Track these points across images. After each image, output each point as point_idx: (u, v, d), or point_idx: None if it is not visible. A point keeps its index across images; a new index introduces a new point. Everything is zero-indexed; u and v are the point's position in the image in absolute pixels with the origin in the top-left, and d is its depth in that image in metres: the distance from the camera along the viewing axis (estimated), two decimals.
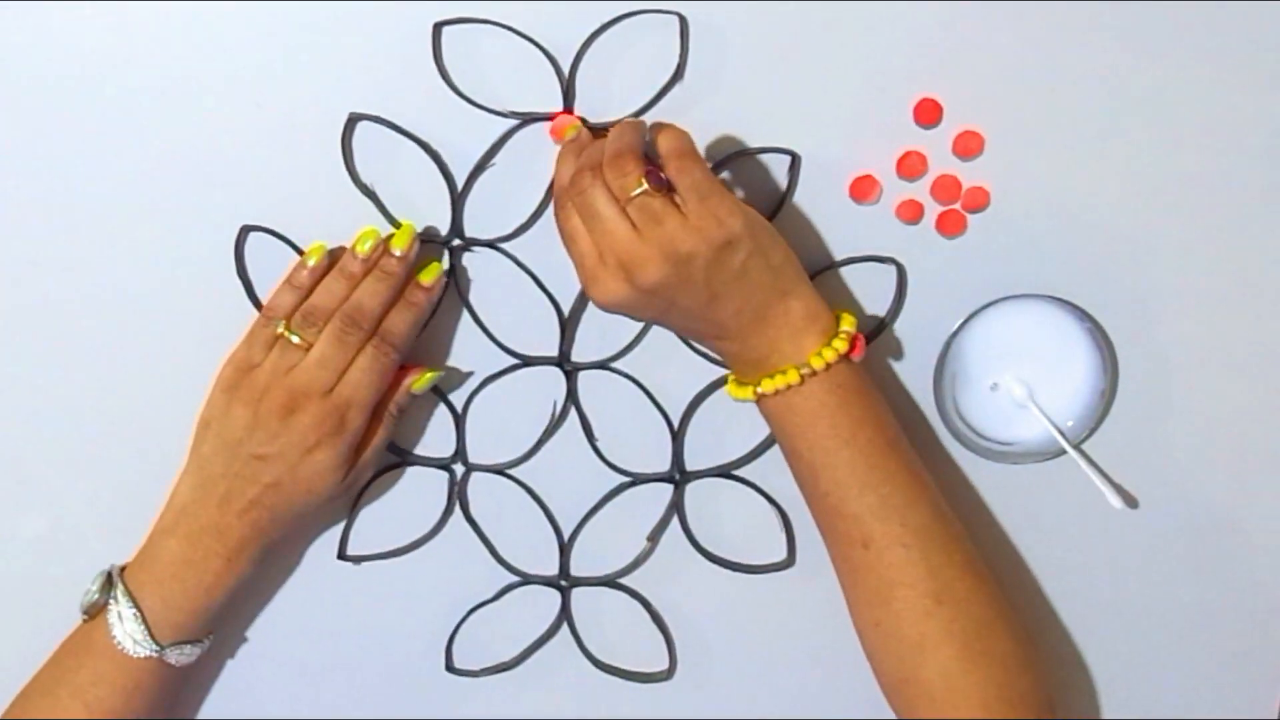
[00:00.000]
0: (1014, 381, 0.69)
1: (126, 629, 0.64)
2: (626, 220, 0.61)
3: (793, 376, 0.63)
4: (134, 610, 0.64)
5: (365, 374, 0.65)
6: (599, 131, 0.66)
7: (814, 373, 0.63)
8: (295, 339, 0.65)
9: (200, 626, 0.66)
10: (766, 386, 0.64)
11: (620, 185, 0.61)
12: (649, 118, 0.67)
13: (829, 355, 0.63)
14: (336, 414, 0.65)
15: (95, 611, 0.65)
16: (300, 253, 0.68)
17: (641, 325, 0.70)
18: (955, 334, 0.69)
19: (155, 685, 0.66)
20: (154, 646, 0.65)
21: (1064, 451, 0.70)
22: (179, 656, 0.66)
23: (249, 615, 0.72)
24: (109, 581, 0.66)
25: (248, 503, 0.65)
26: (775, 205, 0.68)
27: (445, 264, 0.68)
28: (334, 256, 0.67)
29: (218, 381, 0.66)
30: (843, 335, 0.64)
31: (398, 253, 0.66)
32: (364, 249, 0.65)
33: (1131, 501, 0.72)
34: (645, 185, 0.61)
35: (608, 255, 0.61)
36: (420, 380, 0.67)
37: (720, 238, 0.61)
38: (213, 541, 0.65)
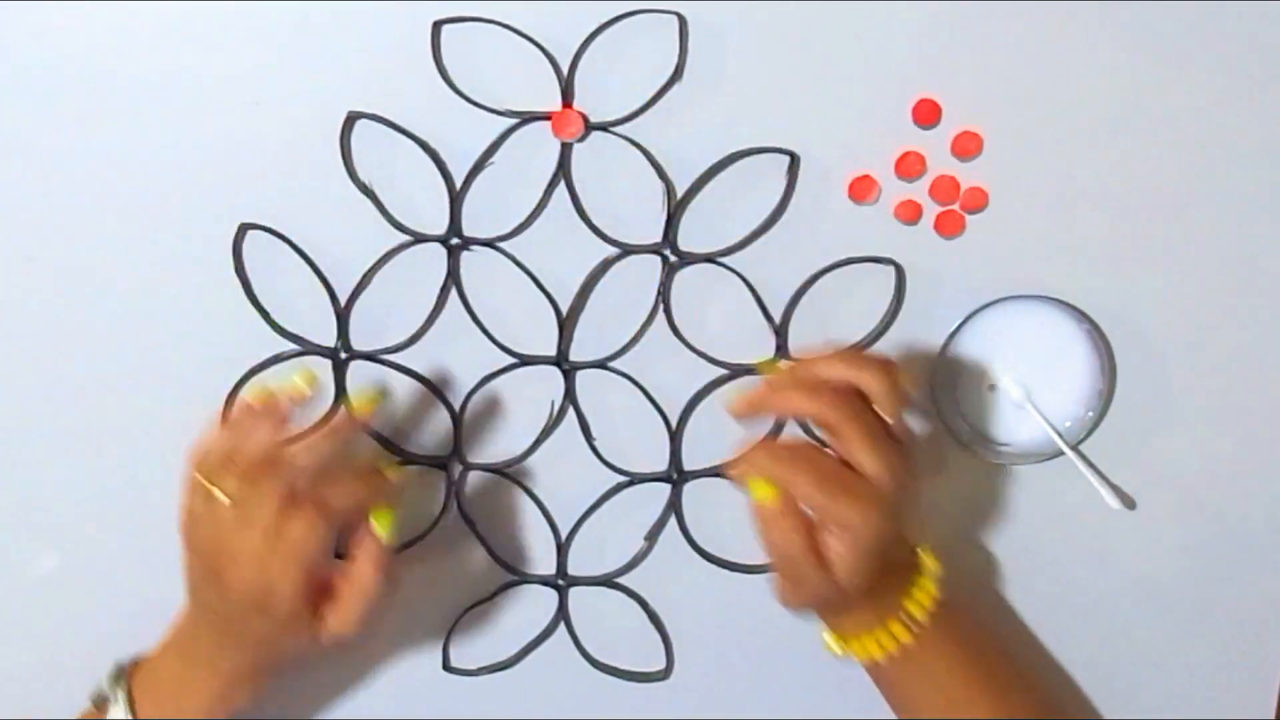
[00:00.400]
0: (1012, 382, 0.69)
1: None
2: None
3: (903, 635, 0.63)
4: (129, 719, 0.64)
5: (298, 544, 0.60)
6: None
7: (920, 626, 0.63)
8: (223, 498, 0.60)
9: None
10: (875, 650, 0.64)
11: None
12: (648, 117, 0.67)
13: (924, 600, 0.63)
14: (272, 568, 0.60)
15: (101, 704, 0.65)
16: (300, 252, 0.68)
17: (641, 325, 0.70)
18: (954, 334, 0.69)
19: None
20: None
21: (1062, 452, 0.70)
22: None
23: None
24: (117, 679, 0.66)
25: (230, 648, 0.64)
26: (775, 205, 0.68)
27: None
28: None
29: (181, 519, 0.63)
30: (928, 575, 0.64)
31: (360, 417, 0.66)
32: (295, 395, 0.63)
33: (1129, 502, 0.72)
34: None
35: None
36: (381, 521, 0.64)
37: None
38: (209, 675, 0.65)
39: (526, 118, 0.67)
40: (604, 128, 0.67)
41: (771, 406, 0.63)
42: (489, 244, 0.69)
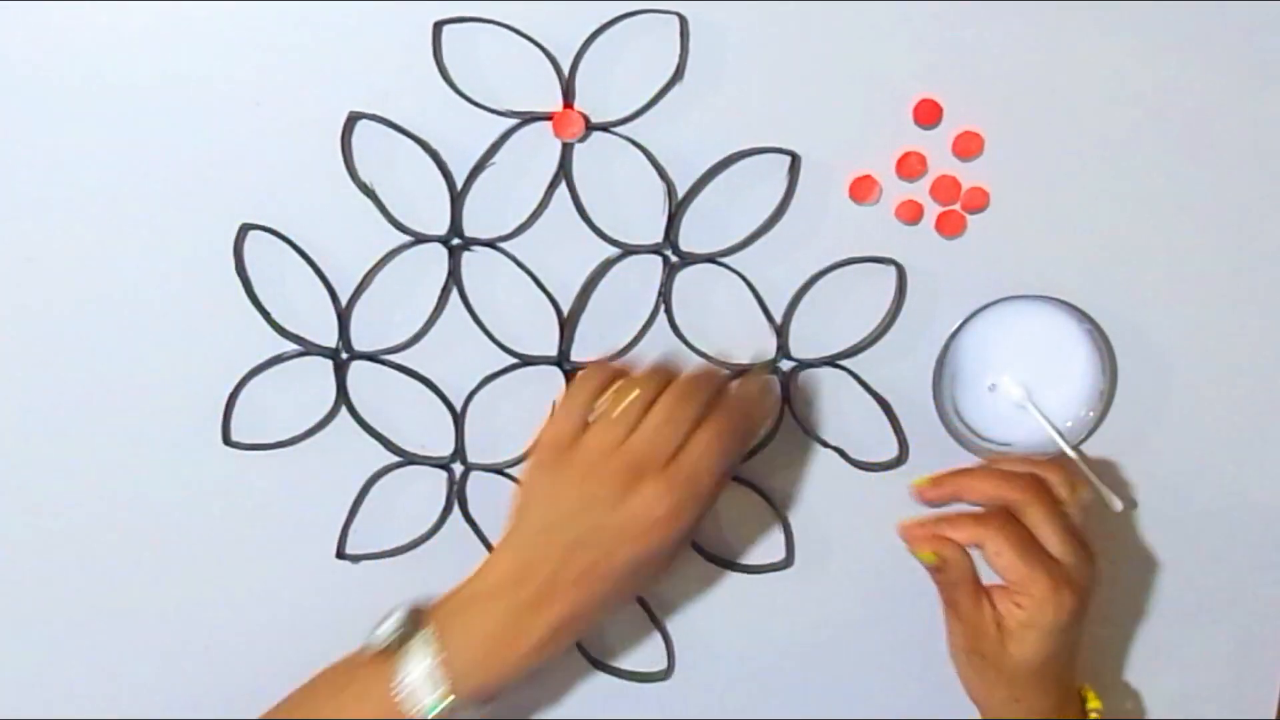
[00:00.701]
0: (1012, 383, 0.69)
1: (424, 689, 0.60)
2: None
3: None
4: (441, 673, 0.60)
5: (711, 443, 0.61)
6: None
7: None
8: (616, 413, 0.61)
9: (494, 698, 0.63)
10: None
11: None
12: (649, 117, 0.67)
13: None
14: (674, 494, 0.60)
15: (381, 654, 0.61)
16: (301, 252, 0.68)
17: (642, 325, 0.70)
18: (954, 335, 0.69)
19: None
20: (441, 706, 0.60)
21: (1062, 453, 0.70)
22: (452, 714, 0.61)
23: (248, 614, 0.72)
24: (408, 629, 0.62)
25: (574, 581, 0.61)
26: (775, 205, 0.68)
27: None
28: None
29: (535, 462, 0.63)
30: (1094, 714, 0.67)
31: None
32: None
33: (1129, 502, 0.72)
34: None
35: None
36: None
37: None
38: (537, 618, 0.61)
39: (527, 118, 0.67)
40: (605, 128, 0.67)
41: (959, 487, 0.65)
42: (490, 244, 0.69)
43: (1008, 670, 0.64)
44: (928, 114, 0.67)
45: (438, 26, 0.66)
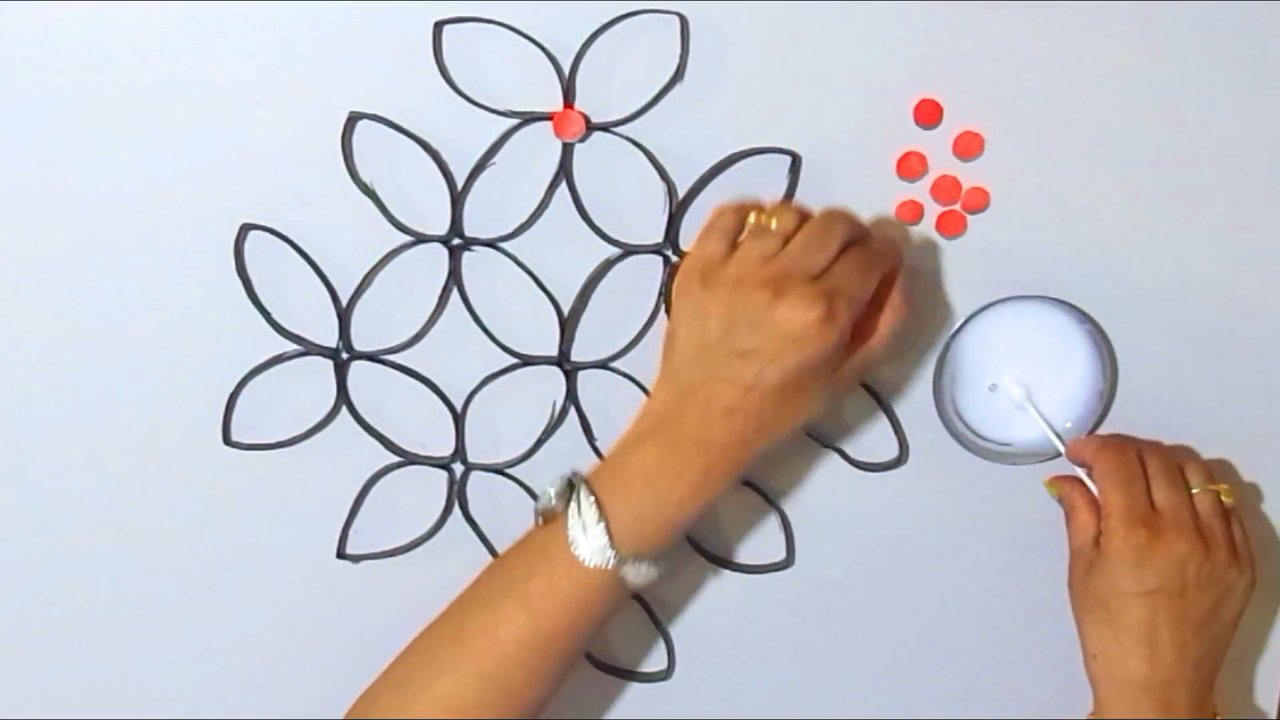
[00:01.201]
0: (1012, 383, 0.69)
1: (588, 536, 0.59)
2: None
3: None
4: (598, 516, 0.59)
5: (858, 264, 0.60)
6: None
7: None
8: (775, 225, 0.60)
9: (663, 543, 0.61)
10: None
11: (1200, 475, 0.68)
12: (649, 118, 0.67)
13: None
14: (826, 300, 0.58)
15: (552, 517, 0.61)
16: (301, 252, 0.68)
17: (643, 325, 0.70)
18: (954, 335, 0.69)
19: (604, 603, 0.61)
20: (614, 557, 0.59)
21: (1058, 455, 0.70)
22: (635, 575, 0.60)
23: (248, 614, 0.72)
24: (569, 486, 0.61)
25: (728, 407, 0.59)
26: None
27: None
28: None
29: (680, 287, 0.62)
30: None
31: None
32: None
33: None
34: (1220, 488, 0.68)
35: (1170, 514, 0.65)
36: None
37: (1243, 580, 0.67)
38: (693, 450, 0.59)
39: (528, 118, 0.67)
40: (605, 128, 0.67)
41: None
42: (490, 244, 0.69)
43: (1085, 596, 0.66)
44: (928, 114, 0.67)
45: (438, 26, 0.66)
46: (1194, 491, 0.67)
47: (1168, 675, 0.65)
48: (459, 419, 0.71)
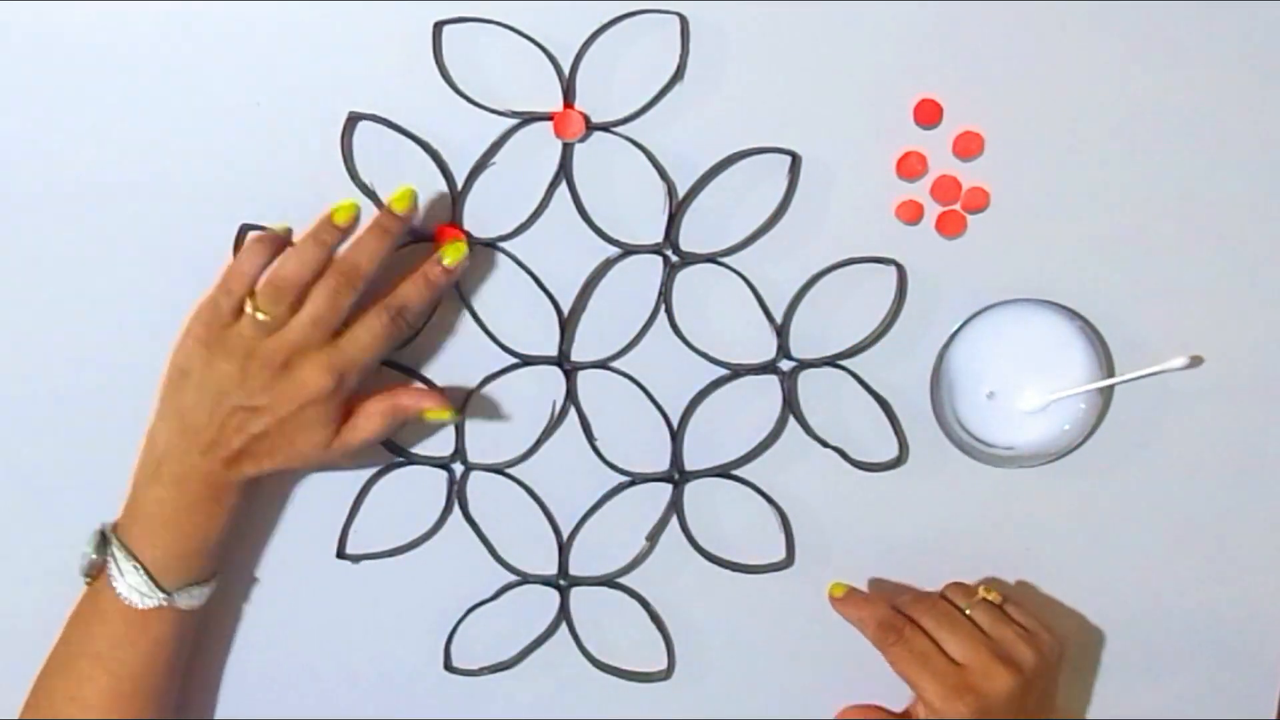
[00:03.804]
0: (1028, 392, 0.69)
1: (130, 583, 0.64)
2: (977, 627, 0.66)
3: None
4: (133, 563, 0.64)
5: (368, 335, 0.64)
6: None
7: None
8: (262, 317, 0.63)
9: (203, 567, 0.66)
10: None
11: (961, 594, 0.69)
12: (650, 118, 0.67)
13: None
14: (335, 371, 0.63)
15: (96, 572, 0.65)
16: None
17: (642, 325, 0.70)
18: (950, 342, 0.69)
19: (172, 634, 0.65)
20: (161, 595, 0.64)
21: (1060, 456, 0.70)
22: (188, 600, 0.65)
23: (248, 614, 0.72)
24: (104, 540, 0.65)
25: (234, 452, 0.64)
26: (776, 205, 0.68)
27: (467, 251, 0.66)
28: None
29: (190, 333, 0.64)
30: None
31: (399, 212, 0.64)
32: (342, 219, 0.64)
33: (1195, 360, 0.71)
34: (983, 595, 0.68)
35: (978, 661, 0.65)
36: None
37: (1053, 654, 0.67)
38: (200, 486, 0.64)
39: (528, 118, 0.67)
40: (605, 128, 0.67)
41: (860, 614, 0.69)
42: (490, 244, 0.69)
43: None
44: (928, 114, 0.67)
45: (438, 26, 0.66)
46: (969, 614, 0.67)
47: None
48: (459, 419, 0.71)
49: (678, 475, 0.72)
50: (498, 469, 0.72)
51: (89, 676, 0.64)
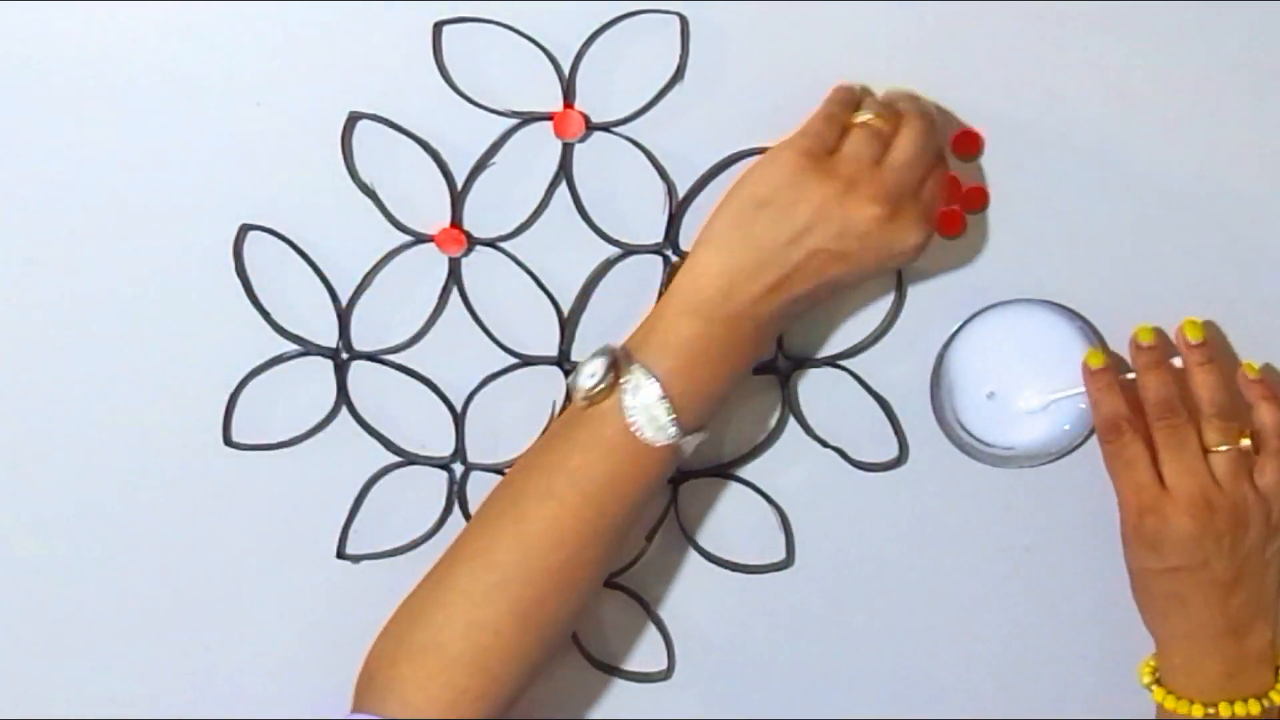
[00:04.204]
0: (1030, 392, 0.69)
1: (653, 414, 0.60)
2: (1207, 465, 0.65)
3: (1255, 709, 0.65)
4: (661, 394, 0.60)
5: (940, 182, 0.63)
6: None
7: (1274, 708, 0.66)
8: (878, 123, 0.61)
9: (713, 412, 0.62)
10: (1227, 712, 0.65)
11: (1219, 433, 0.66)
12: (650, 118, 0.67)
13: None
14: (928, 222, 0.61)
15: (600, 397, 0.60)
16: (301, 253, 0.68)
17: None
18: (949, 341, 0.69)
19: (664, 476, 0.62)
20: (678, 433, 0.60)
21: (1060, 456, 0.70)
22: (689, 446, 0.62)
23: (248, 614, 0.72)
24: (613, 363, 0.60)
25: (799, 296, 0.61)
26: None
27: None
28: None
29: (779, 159, 0.61)
30: None
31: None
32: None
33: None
34: (1239, 444, 0.66)
35: (1179, 493, 0.65)
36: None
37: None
38: (750, 327, 0.61)
39: (528, 118, 0.67)
40: (605, 128, 0.67)
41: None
42: (490, 244, 0.69)
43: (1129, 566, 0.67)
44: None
45: (438, 26, 0.66)
46: (1215, 452, 0.66)
47: (1207, 629, 0.67)
48: (459, 419, 0.71)
49: (677, 474, 0.72)
50: (498, 469, 0.71)
51: (575, 507, 0.61)
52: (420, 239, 0.68)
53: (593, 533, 0.61)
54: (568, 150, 0.67)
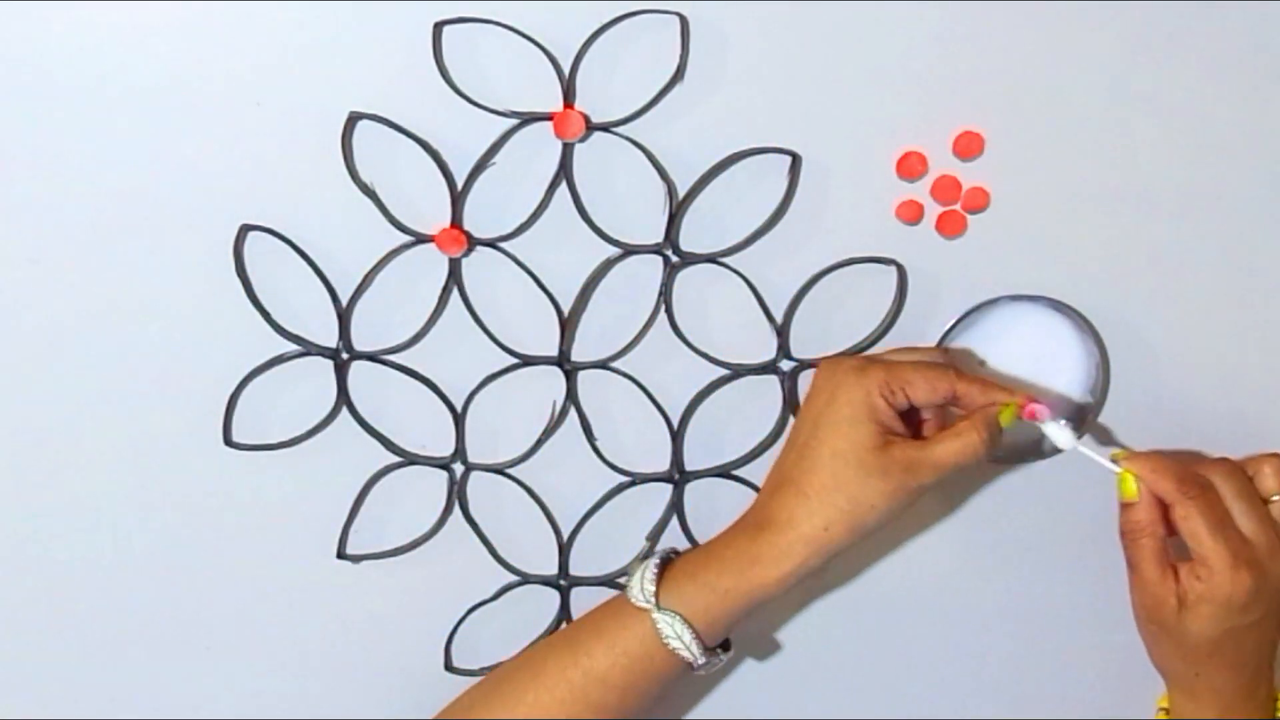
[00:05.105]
0: (1057, 428, 0.69)
1: (680, 639, 0.64)
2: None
3: None
4: (693, 634, 0.64)
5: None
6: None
7: None
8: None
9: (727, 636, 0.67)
10: None
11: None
12: (650, 118, 0.67)
13: None
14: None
15: (643, 602, 0.64)
16: (301, 253, 0.68)
17: (643, 325, 0.70)
18: (946, 335, 0.69)
19: (678, 679, 0.66)
20: (702, 654, 0.65)
21: (1057, 452, 0.70)
22: (709, 668, 0.66)
23: (248, 614, 0.72)
24: (660, 568, 0.65)
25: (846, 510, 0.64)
26: (776, 205, 0.68)
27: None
28: None
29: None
30: None
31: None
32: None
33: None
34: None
35: (1261, 542, 0.65)
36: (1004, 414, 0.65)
37: None
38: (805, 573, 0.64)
39: (528, 118, 0.67)
40: (605, 128, 0.67)
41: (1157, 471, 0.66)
42: (491, 244, 0.69)
43: (1186, 644, 0.66)
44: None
45: (438, 27, 0.66)
46: (1273, 501, 0.67)
47: (1260, 673, 0.68)
48: (459, 419, 0.71)
49: (678, 475, 0.72)
50: (498, 469, 0.72)
51: (585, 693, 0.65)
52: (420, 239, 0.68)
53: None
54: (568, 150, 0.67)
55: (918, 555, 0.73)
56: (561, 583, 0.73)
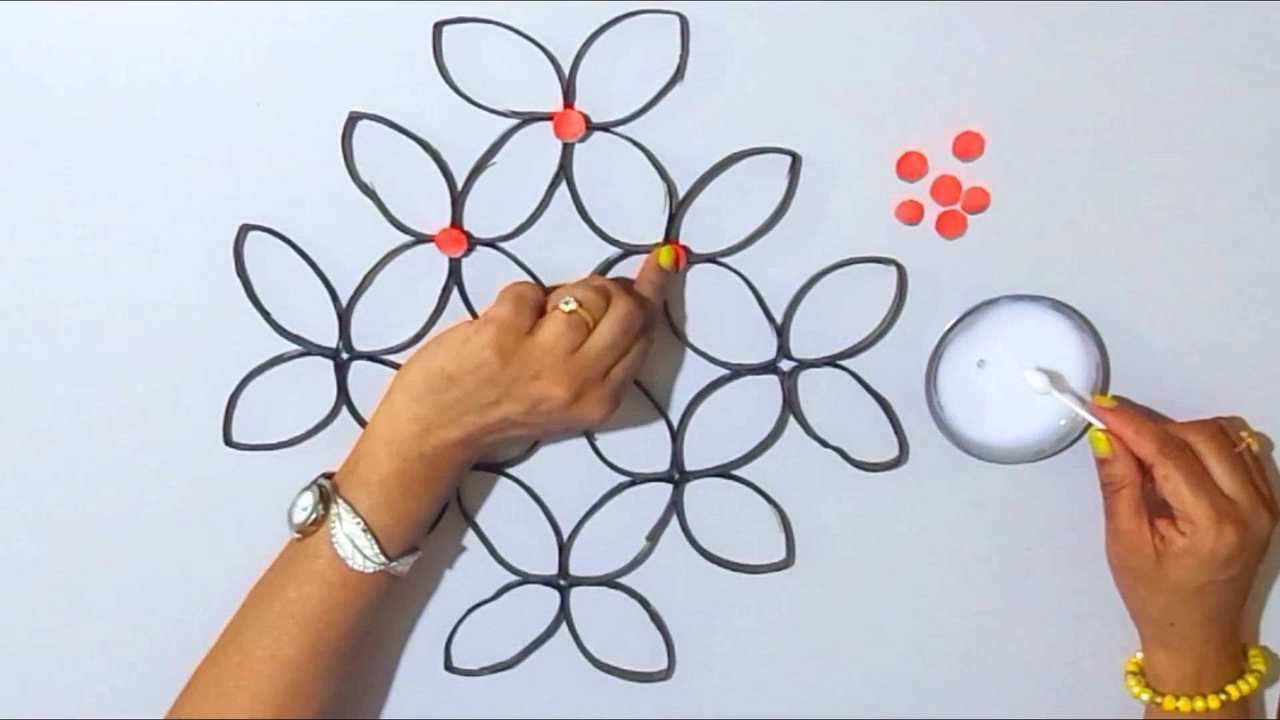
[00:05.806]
0: (1033, 374, 0.69)
1: (358, 545, 0.64)
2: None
3: (1214, 703, 0.68)
4: (362, 527, 0.64)
5: (636, 362, 0.66)
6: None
7: (1229, 701, 0.69)
8: (582, 313, 0.63)
9: (423, 535, 0.68)
10: (1172, 706, 0.69)
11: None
12: (649, 117, 0.67)
13: (1245, 688, 0.69)
14: (614, 404, 0.65)
15: (311, 529, 0.65)
16: (301, 253, 0.68)
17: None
18: (945, 337, 0.69)
19: (380, 598, 0.66)
20: (384, 560, 0.65)
21: (1058, 453, 0.70)
22: (402, 566, 0.66)
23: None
24: (323, 497, 0.65)
25: (486, 444, 0.66)
26: (776, 205, 0.68)
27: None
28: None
29: (471, 350, 0.63)
30: (1254, 673, 0.70)
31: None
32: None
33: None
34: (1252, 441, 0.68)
35: (1243, 500, 0.66)
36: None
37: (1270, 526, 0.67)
38: (445, 466, 0.65)
39: (528, 118, 0.67)
40: (605, 128, 0.67)
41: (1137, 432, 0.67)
42: (490, 244, 0.69)
43: (1163, 589, 0.67)
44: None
45: (438, 27, 0.66)
46: (1243, 440, 0.68)
47: (1235, 627, 0.70)
48: None
49: (678, 475, 0.72)
50: (497, 468, 0.72)
51: (293, 636, 0.65)
52: (420, 239, 0.68)
53: (312, 659, 0.65)
54: (568, 150, 0.67)
55: (918, 555, 0.73)
56: (561, 582, 0.73)
